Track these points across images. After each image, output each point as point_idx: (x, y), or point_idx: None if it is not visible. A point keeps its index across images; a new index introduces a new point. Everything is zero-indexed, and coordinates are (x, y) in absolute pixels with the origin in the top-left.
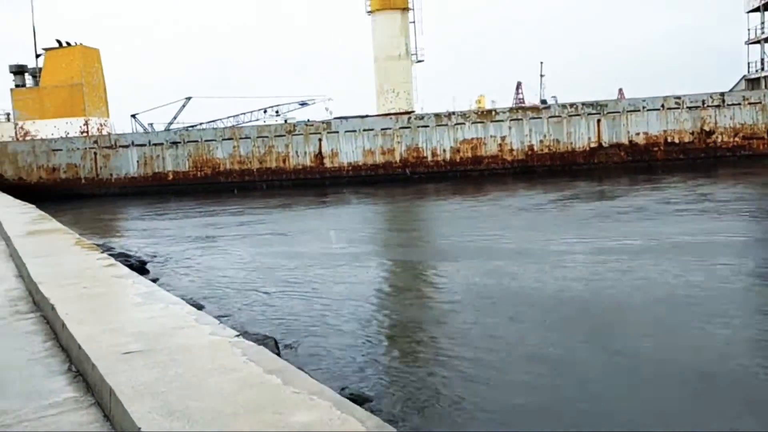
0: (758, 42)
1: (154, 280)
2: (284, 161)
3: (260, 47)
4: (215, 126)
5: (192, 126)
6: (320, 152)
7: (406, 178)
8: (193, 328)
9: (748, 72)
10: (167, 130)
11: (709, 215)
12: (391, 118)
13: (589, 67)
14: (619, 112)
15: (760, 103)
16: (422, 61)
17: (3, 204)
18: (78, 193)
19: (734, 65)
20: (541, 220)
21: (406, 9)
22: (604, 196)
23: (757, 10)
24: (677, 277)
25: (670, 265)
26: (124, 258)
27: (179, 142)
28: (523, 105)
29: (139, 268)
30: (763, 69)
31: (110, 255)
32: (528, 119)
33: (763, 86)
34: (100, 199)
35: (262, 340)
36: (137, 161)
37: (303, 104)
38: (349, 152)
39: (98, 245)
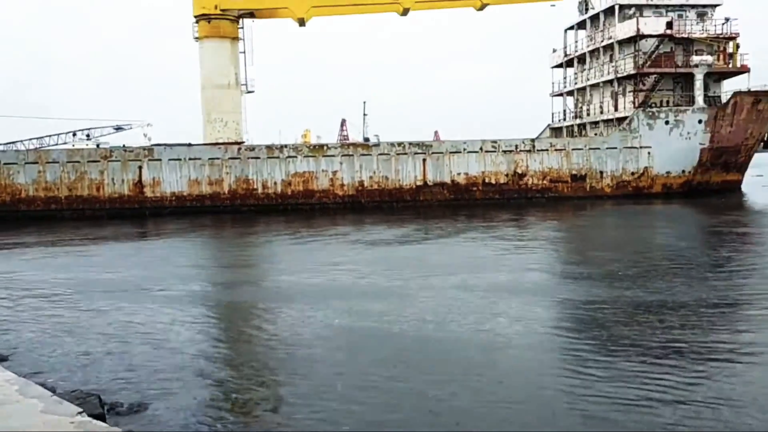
0: (561, 95)
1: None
2: (98, 189)
3: (67, 63)
4: (15, 148)
5: None
6: (140, 180)
7: (235, 210)
8: (20, 404)
9: (552, 121)
10: None
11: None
12: (219, 148)
13: (408, 108)
14: (442, 152)
15: (564, 150)
16: (252, 91)
17: None
18: None
19: (541, 113)
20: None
21: (236, 38)
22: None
23: (560, 66)
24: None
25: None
26: None
27: None
28: (347, 141)
29: None
30: (564, 119)
31: None
32: (358, 155)
33: (565, 134)
34: None
35: (84, 399)
36: None
37: (118, 128)
38: (173, 181)
39: None
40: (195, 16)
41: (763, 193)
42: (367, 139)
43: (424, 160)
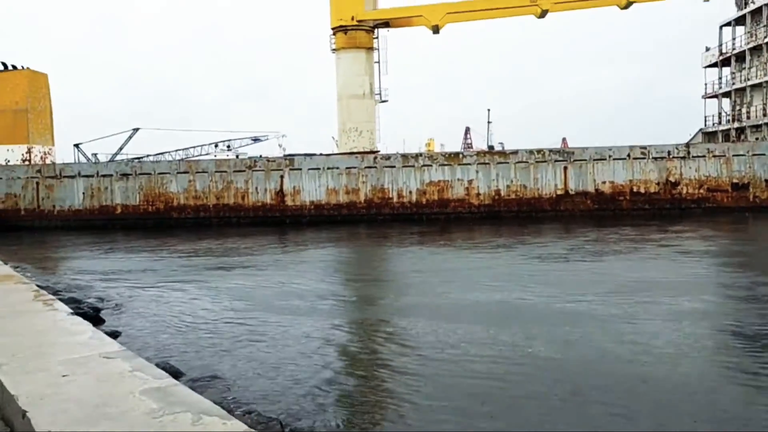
0: (715, 96)
1: (114, 334)
2: (243, 198)
3: (210, 78)
4: (162, 159)
5: (138, 158)
6: (281, 189)
7: (370, 219)
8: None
9: (705, 125)
10: (112, 161)
11: None
12: (356, 157)
13: (534, 115)
14: (585, 159)
15: (724, 156)
16: (386, 101)
17: None
18: (16, 225)
19: (687, 118)
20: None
21: (371, 48)
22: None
23: (714, 65)
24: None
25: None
26: (75, 305)
27: (130, 174)
28: (472, 150)
29: (93, 316)
30: (720, 123)
31: (60, 299)
32: (495, 164)
33: (721, 139)
34: (42, 232)
35: (266, 423)
36: (83, 193)
37: (256, 140)
38: (311, 190)
39: (41, 287)
40: (332, 28)
41: None
42: (491, 147)
43: (565, 167)
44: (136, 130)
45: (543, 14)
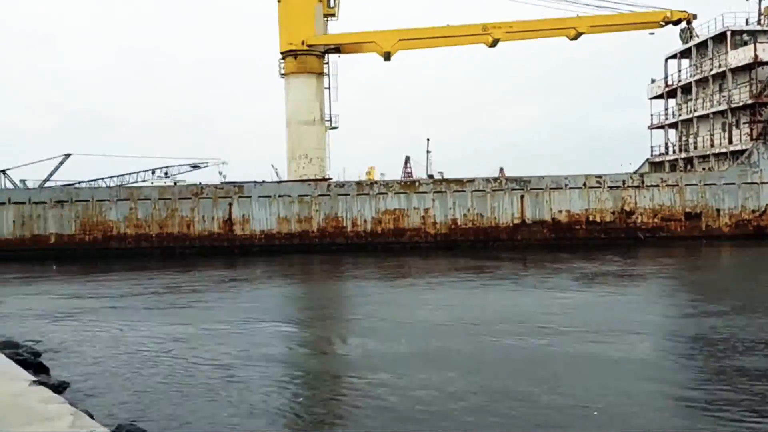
0: (661, 127)
1: (61, 386)
2: (188, 226)
3: (146, 102)
4: (96, 186)
5: (70, 184)
6: (230, 218)
7: (323, 248)
8: None
9: (652, 155)
10: (42, 187)
11: None
12: (309, 185)
13: (473, 145)
14: (542, 188)
15: (677, 185)
16: (336, 127)
17: None
18: None
19: (626, 148)
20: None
21: (321, 74)
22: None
23: (660, 97)
24: None
25: None
26: (13, 350)
27: (66, 201)
28: (411, 179)
29: (36, 363)
30: (667, 153)
31: None
32: (452, 192)
33: (668, 169)
34: None
35: None
36: (13, 221)
37: (195, 167)
38: (262, 219)
39: None
40: (282, 53)
41: None
42: (431, 176)
43: (522, 196)
44: (67, 155)
45: (494, 43)
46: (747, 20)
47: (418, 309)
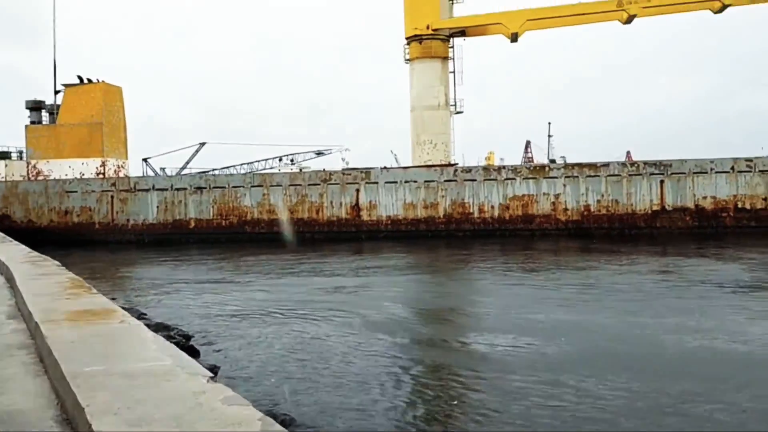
0: None
1: (213, 368)
2: (317, 212)
3: (272, 91)
4: (229, 173)
5: (204, 172)
6: (357, 203)
7: (450, 234)
8: None
9: None
10: (182, 174)
11: None
12: (435, 170)
13: (597, 128)
14: (684, 173)
15: None
16: (461, 112)
17: (14, 259)
18: (90, 239)
19: (752, 134)
20: None
21: (446, 58)
22: None
23: None
24: None
25: None
26: (165, 332)
27: (204, 188)
28: (532, 163)
29: (187, 347)
30: None
31: (147, 325)
32: (584, 177)
33: None
34: (115, 246)
35: None
36: (157, 206)
37: (319, 153)
38: (388, 205)
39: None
40: (407, 38)
41: None
42: (552, 161)
43: (662, 181)
44: (202, 144)
45: (629, 20)
46: None
47: None
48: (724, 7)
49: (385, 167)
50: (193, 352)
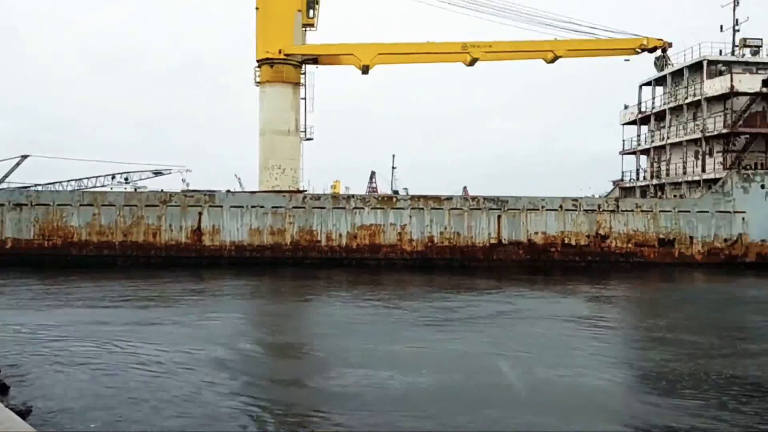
0: (633, 153)
1: (24, 412)
2: (155, 235)
3: (106, 105)
4: (54, 189)
5: (26, 187)
6: (199, 228)
7: (296, 262)
8: None
9: (623, 180)
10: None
11: None
12: (283, 196)
13: (438, 163)
14: (519, 209)
15: (651, 211)
16: (311, 139)
17: None
18: None
19: (590, 173)
20: None
21: (298, 84)
22: None
23: (633, 123)
24: None
25: None
26: None
27: (24, 204)
28: (376, 194)
29: None
30: (638, 179)
31: None
32: (429, 209)
33: (638, 195)
34: None
35: None
36: None
37: (157, 173)
38: (233, 230)
39: None
40: (258, 60)
41: None
42: (396, 192)
43: (499, 216)
44: (24, 157)
45: (473, 62)
46: (721, 51)
47: None
48: (556, 57)
49: (229, 190)
50: (4, 388)
